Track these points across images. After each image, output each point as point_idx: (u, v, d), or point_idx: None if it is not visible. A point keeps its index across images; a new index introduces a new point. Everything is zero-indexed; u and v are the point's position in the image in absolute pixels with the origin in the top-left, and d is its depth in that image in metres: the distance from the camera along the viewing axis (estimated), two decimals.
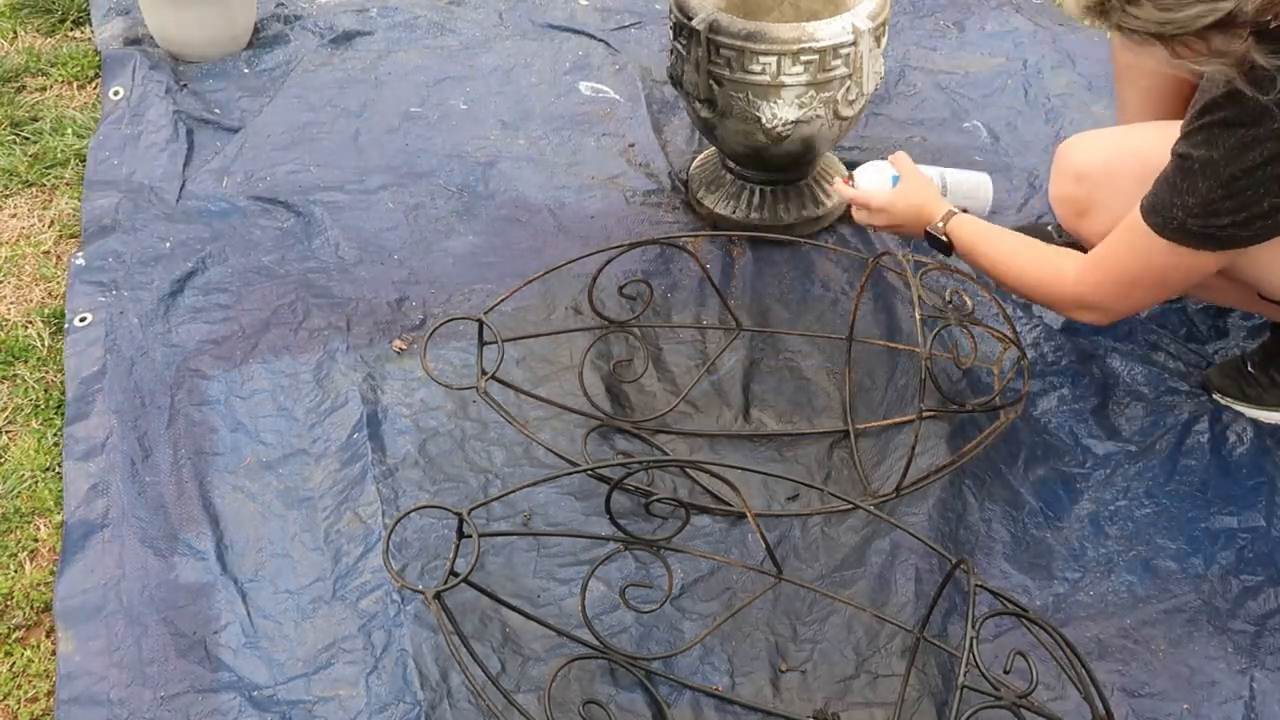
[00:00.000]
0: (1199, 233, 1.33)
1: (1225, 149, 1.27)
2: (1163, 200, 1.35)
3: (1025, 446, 1.66)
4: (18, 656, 1.44)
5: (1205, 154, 1.29)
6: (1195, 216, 1.32)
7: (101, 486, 1.60)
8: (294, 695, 1.38)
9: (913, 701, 1.37)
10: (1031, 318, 1.85)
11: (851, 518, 1.56)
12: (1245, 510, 1.58)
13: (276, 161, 2.20)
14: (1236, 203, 1.29)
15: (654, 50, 2.54)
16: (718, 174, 2.08)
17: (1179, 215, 1.33)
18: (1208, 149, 1.29)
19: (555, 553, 1.53)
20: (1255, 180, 1.27)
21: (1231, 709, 1.37)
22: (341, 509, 1.58)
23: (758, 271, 1.95)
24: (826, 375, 1.78)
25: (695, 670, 1.41)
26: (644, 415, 1.71)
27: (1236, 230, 1.31)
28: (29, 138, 2.28)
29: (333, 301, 1.90)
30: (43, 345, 1.84)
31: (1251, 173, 1.26)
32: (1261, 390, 1.67)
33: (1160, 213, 1.36)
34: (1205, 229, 1.32)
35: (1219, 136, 1.28)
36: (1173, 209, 1.34)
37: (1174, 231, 1.34)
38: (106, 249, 1.98)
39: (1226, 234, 1.32)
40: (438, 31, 2.59)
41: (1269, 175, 1.26)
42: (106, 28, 2.58)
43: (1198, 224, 1.32)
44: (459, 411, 1.71)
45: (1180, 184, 1.32)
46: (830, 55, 1.79)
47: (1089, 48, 2.49)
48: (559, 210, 2.10)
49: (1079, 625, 1.45)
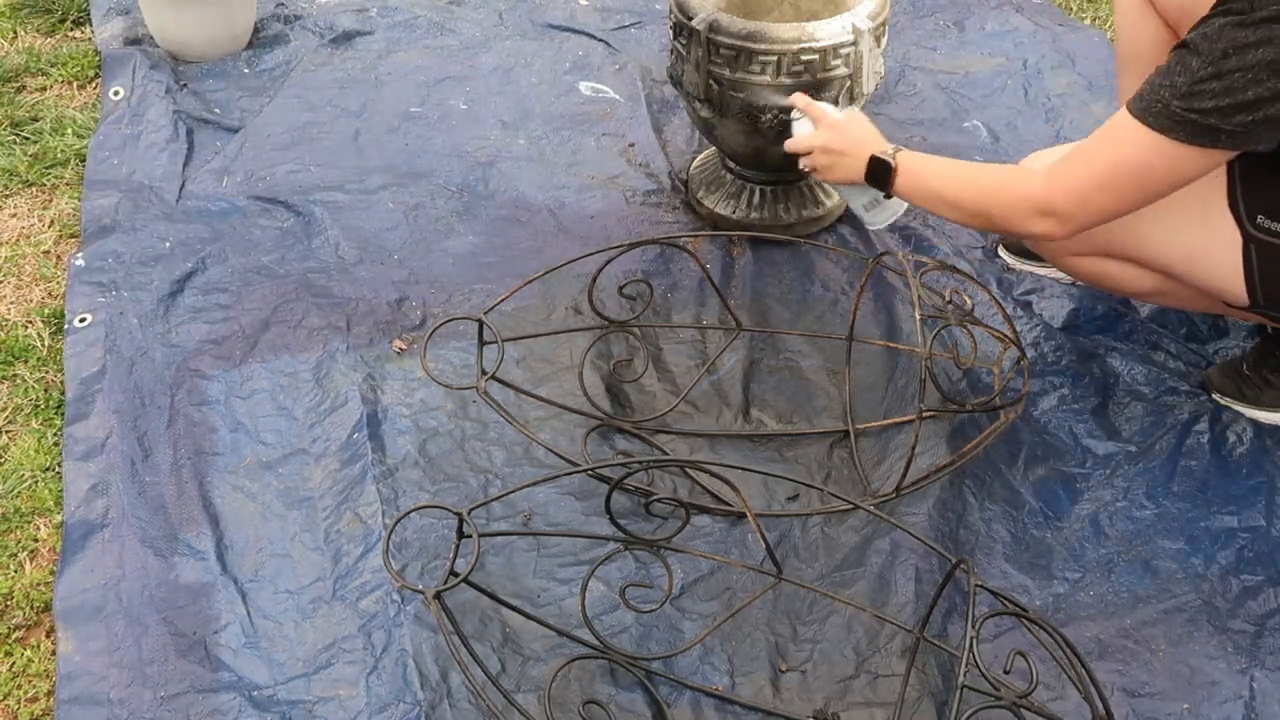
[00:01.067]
0: (1181, 117, 1.31)
1: (1222, 29, 1.27)
2: (1151, 85, 1.34)
3: (1025, 446, 1.66)
4: (18, 656, 1.44)
5: (1202, 36, 1.29)
6: (1181, 98, 1.30)
7: (101, 486, 1.60)
8: (294, 695, 1.38)
9: (913, 701, 1.37)
10: (1032, 317, 1.85)
11: (851, 518, 1.56)
12: (1245, 510, 1.58)
13: (276, 161, 2.20)
14: (1223, 85, 1.28)
15: (654, 50, 2.54)
16: (718, 174, 2.08)
17: (1164, 97, 1.32)
18: (1206, 33, 1.29)
19: (555, 553, 1.53)
20: (1246, 62, 1.26)
21: (1231, 709, 1.37)
22: (341, 509, 1.58)
23: (758, 271, 1.95)
24: (826, 375, 1.78)
25: (695, 670, 1.41)
26: (644, 415, 1.71)
27: (1218, 121, 1.29)
28: (29, 138, 2.28)
29: (333, 301, 1.90)
30: (43, 345, 1.84)
31: (1243, 52, 1.26)
32: (1258, 391, 1.67)
33: (1146, 97, 1.34)
34: (1188, 112, 1.30)
35: (1221, 24, 1.28)
36: (1159, 92, 1.32)
37: (1156, 116, 1.33)
38: (106, 249, 1.98)
39: (1208, 123, 1.30)
40: (438, 31, 2.59)
41: (1260, 60, 1.25)
42: (106, 28, 2.58)
43: (1181, 106, 1.30)
44: (459, 411, 1.71)
45: (1174, 68, 1.32)
46: (830, 55, 1.79)
47: (1089, 48, 2.49)
48: (559, 210, 2.10)
49: (1079, 625, 1.45)
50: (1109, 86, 2.36)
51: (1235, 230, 1.49)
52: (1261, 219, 1.48)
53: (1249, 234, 1.49)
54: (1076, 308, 1.87)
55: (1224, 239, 1.50)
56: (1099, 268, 1.63)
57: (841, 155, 1.66)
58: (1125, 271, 1.61)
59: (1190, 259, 1.54)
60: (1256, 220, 1.48)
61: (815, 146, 1.69)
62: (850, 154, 1.64)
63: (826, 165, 1.68)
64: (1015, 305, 1.88)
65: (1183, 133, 1.32)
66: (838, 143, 1.66)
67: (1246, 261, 1.50)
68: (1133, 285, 1.63)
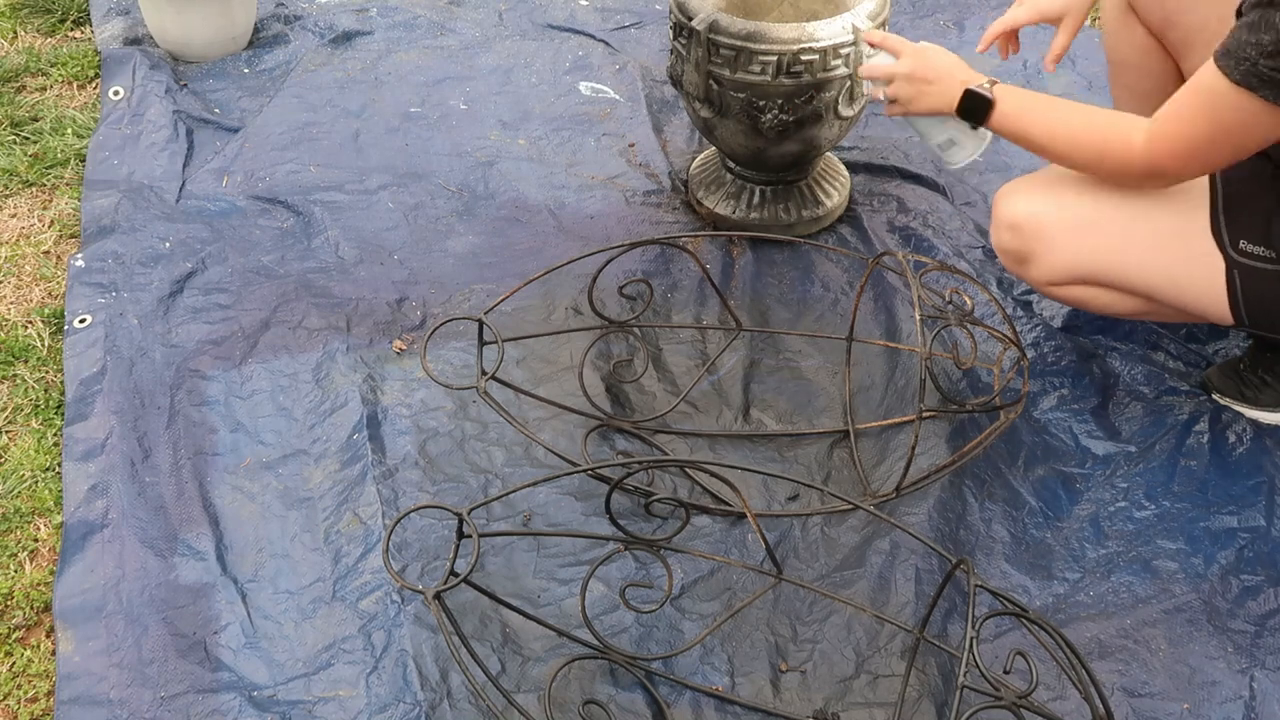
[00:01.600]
0: (1268, 77, 1.27)
1: None
2: (1237, 41, 1.29)
3: (1025, 446, 1.66)
4: (18, 656, 1.44)
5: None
6: (1268, 56, 1.25)
7: (101, 487, 1.60)
8: (294, 695, 1.38)
9: (913, 701, 1.37)
10: (1031, 317, 1.85)
11: (851, 518, 1.56)
12: (1245, 510, 1.58)
13: (276, 161, 2.20)
14: None
15: (654, 50, 2.54)
16: (718, 174, 2.08)
17: (1251, 55, 1.27)
18: None
19: (555, 553, 1.53)
20: None
21: (1231, 709, 1.37)
22: (341, 509, 1.58)
23: (758, 271, 1.95)
24: (826, 375, 1.79)
25: (695, 670, 1.41)
26: (644, 415, 1.71)
27: None
28: (29, 138, 2.28)
29: (332, 301, 1.90)
30: (43, 345, 1.84)
31: None
32: (1257, 391, 1.67)
33: (1233, 54, 1.29)
34: (1275, 71, 1.26)
35: None
36: (1246, 49, 1.27)
37: (1245, 74, 1.28)
38: (106, 249, 1.98)
39: None
40: (438, 31, 2.59)
41: None
42: (106, 28, 2.58)
43: (1269, 65, 1.25)
44: (459, 411, 1.71)
45: (1259, 23, 1.26)
46: (830, 55, 1.79)
47: (1089, 48, 2.49)
48: (559, 210, 2.10)
49: (1079, 625, 1.45)
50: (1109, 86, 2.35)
51: (1218, 255, 1.49)
52: (1244, 244, 1.47)
53: (1231, 259, 1.48)
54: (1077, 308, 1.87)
55: (1207, 264, 1.50)
56: (1080, 294, 1.61)
57: (928, 83, 1.55)
58: (1107, 296, 1.60)
59: (1174, 284, 1.53)
60: (1239, 245, 1.47)
61: (899, 74, 1.57)
62: (939, 82, 1.54)
63: (911, 95, 1.57)
64: (1015, 305, 1.88)
65: (1271, 91, 1.28)
66: (925, 69, 1.55)
67: (1230, 286, 1.49)
68: (1116, 307, 1.62)
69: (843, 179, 2.09)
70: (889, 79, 1.59)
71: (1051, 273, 1.58)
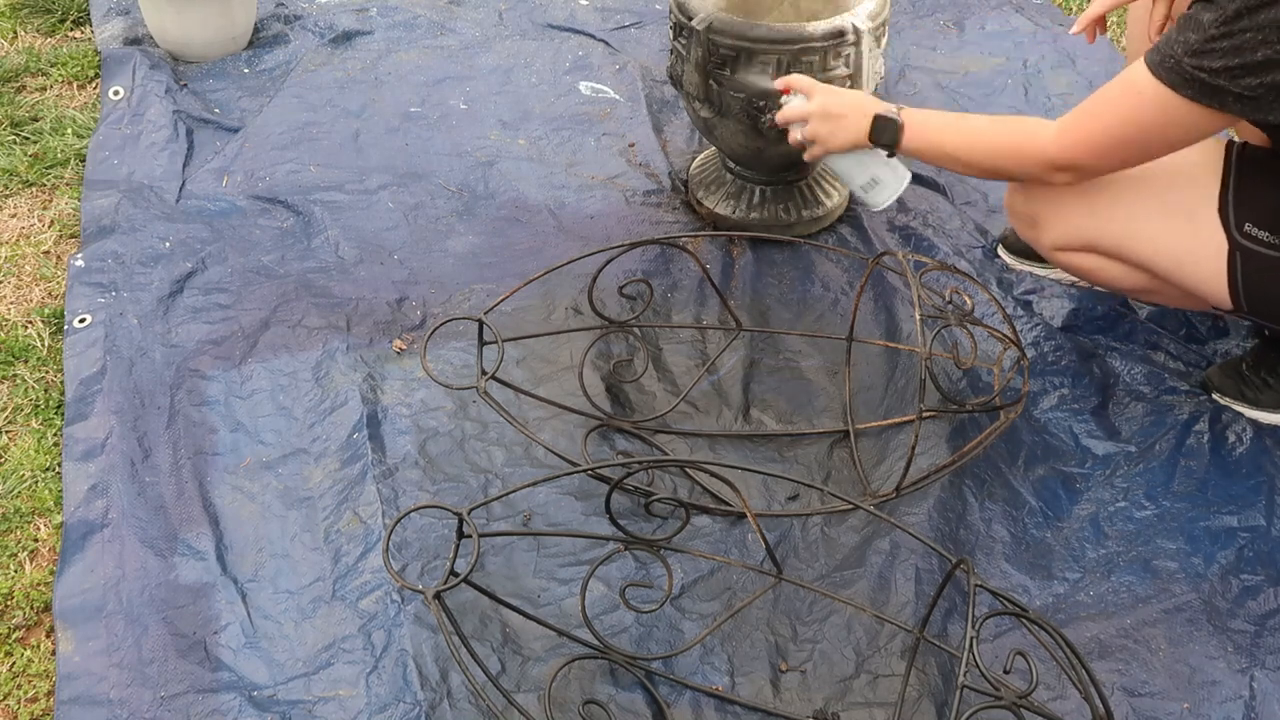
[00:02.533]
0: (1191, 75, 1.30)
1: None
2: (1166, 41, 1.33)
3: (1025, 446, 1.66)
4: (18, 656, 1.44)
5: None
6: (1191, 54, 1.29)
7: (101, 487, 1.60)
8: (294, 695, 1.38)
9: (913, 701, 1.37)
10: (1031, 317, 1.85)
11: (851, 518, 1.56)
12: (1245, 510, 1.58)
13: (276, 161, 2.20)
14: (1232, 44, 1.26)
15: (654, 50, 2.54)
16: (718, 174, 2.08)
17: (1176, 53, 1.31)
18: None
19: (555, 553, 1.53)
20: (1257, 22, 1.24)
21: (1231, 709, 1.37)
22: (341, 509, 1.58)
23: (758, 271, 1.95)
24: (826, 375, 1.78)
25: (695, 670, 1.41)
26: (644, 415, 1.71)
27: (1227, 82, 1.28)
28: (29, 138, 2.28)
29: (332, 301, 1.90)
30: (42, 345, 1.84)
31: (1256, 11, 1.24)
32: (1258, 391, 1.67)
33: (1160, 50, 1.33)
34: (1198, 70, 1.29)
35: None
36: (1172, 47, 1.31)
37: (1168, 71, 1.32)
38: (106, 250, 1.98)
39: (1216, 83, 1.29)
40: (438, 31, 2.59)
41: (1271, 20, 1.24)
42: (106, 28, 2.58)
43: (1191, 64, 1.29)
44: (459, 411, 1.71)
45: (1189, 22, 1.30)
46: (830, 55, 1.79)
47: (1089, 48, 2.49)
48: (559, 210, 2.10)
49: (1079, 625, 1.45)
50: None
51: (1222, 235, 1.49)
52: (1249, 226, 1.47)
53: (1235, 240, 1.48)
54: (1076, 308, 1.87)
55: (1210, 243, 1.50)
56: (1086, 262, 1.62)
57: (841, 118, 1.61)
58: (1112, 268, 1.60)
59: (1176, 261, 1.54)
60: (1244, 228, 1.48)
61: (811, 113, 1.63)
62: (850, 115, 1.60)
63: (827, 133, 1.62)
64: (1015, 305, 1.88)
65: (1191, 90, 1.31)
66: (835, 106, 1.62)
67: (1231, 267, 1.49)
68: (1120, 282, 1.63)
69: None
70: (804, 119, 1.64)
71: (1060, 237, 1.58)
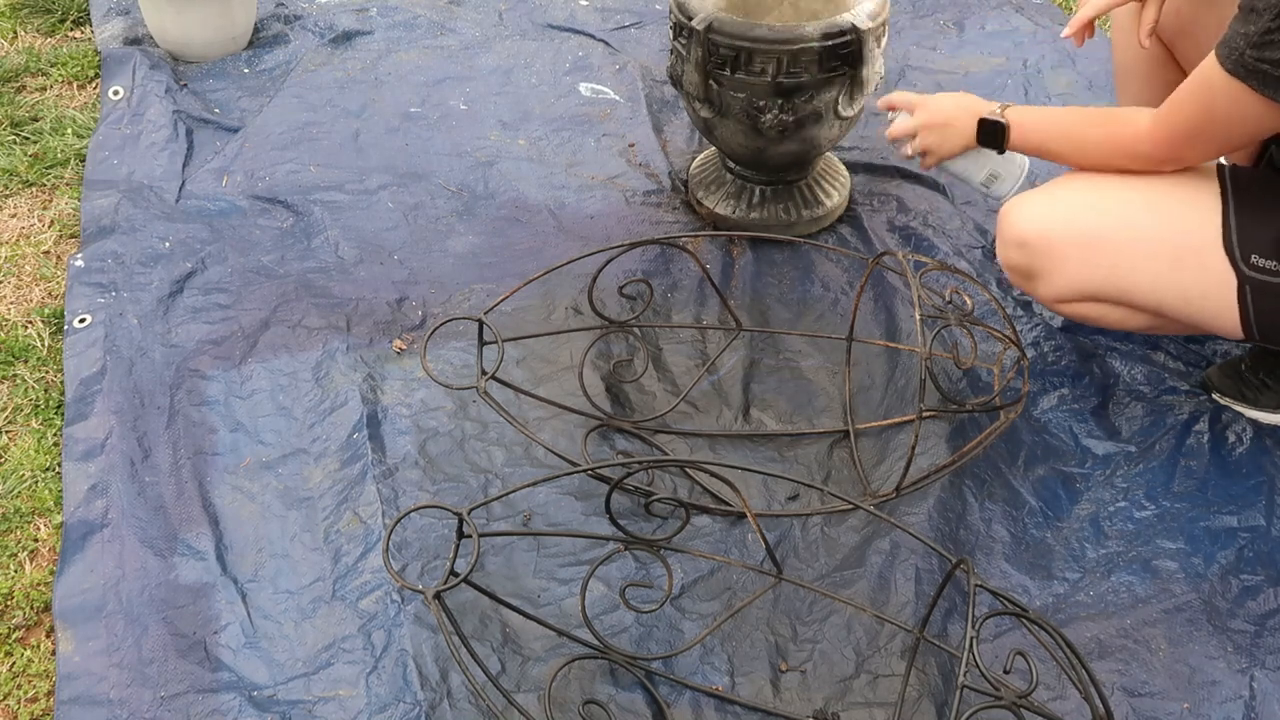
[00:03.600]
0: (1254, 67, 1.31)
1: None
2: (1231, 33, 1.34)
3: (1025, 446, 1.66)
4: (18, 656, 1.44)
5: None
6: (1254, 47, 1.30)
7: (101, 487, 1.60)
8: (294, 695, 1.38)
9: (913, 701, 1.37)
10: (1032, 317, 1.85)
11: (851, 518, 1.56)
12: (1245, 510, 1.58)
13: (276, 161, 2.20)
14: None
15: (654, 50, 2.54)
16: (718, 174, 2.08)
17: (1240, 45, 1.31)
18: None
19: (555, 553, 1.53)
20: None
21: (1232, 709, 1.37)
22: (341, 509, 1.58)
23: (758, 271, 1.95)
24: (826, 375, 1.79)
25: (695, 670, 1.41)
26: (644, 415, 1.71)
27: None
28: (29, 138, 2.28)
29: (332, 301, 1.90)
30: (42, 345, 1.84)
31: None
32: (1258, 392, 1.67)
33: (1227, 44, 1.34)
34: (1260, 62, 1.30)
35: None
36: (1236, 40, 1.32)
37: (1235, 64, 1.33)
38: (105, 250, 1.98)
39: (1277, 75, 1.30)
40: (438, 31, 2.59)
41: None
42: (106, 28, 2.58)
43: (1254, 56, 1.30)
44: (459, 411, 1.71)
45: (1248, 16, 1.31)
46: (830, 55, 1.79)
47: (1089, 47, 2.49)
48: (559, 210, 2.10)
49: (1079, 625, 1.45)
50: (1109, 85, 2.36)
51: (1230, 272, 1.47)
52: (1255, 258, 1.46)
53: (1243, 274, 1.47)
54: None
55: (1219, 280, 1.48)
56: (1089, 311, 1.60)
57: (946, 126, 1.66)
58: (1117, 312, 1.59)
59: (1186, 301, 1.52)
60: (1250, 259, 1.46)
61: (919, 126, 1.69)
62: (955, 122, 1.65)
63: (937, 142, 1.68)
64: (1015, 305, 1.88)
65: (1257, 82, 1.32)
66: (939, 115, 1.67)
67: (1242, 301, 1.48)
68: (1125, 323, 1.61)
69: (843, 179, 2.09)
70: (912, 133, 1.70)
71: (1061, 290, 1.57)
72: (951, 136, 1.67)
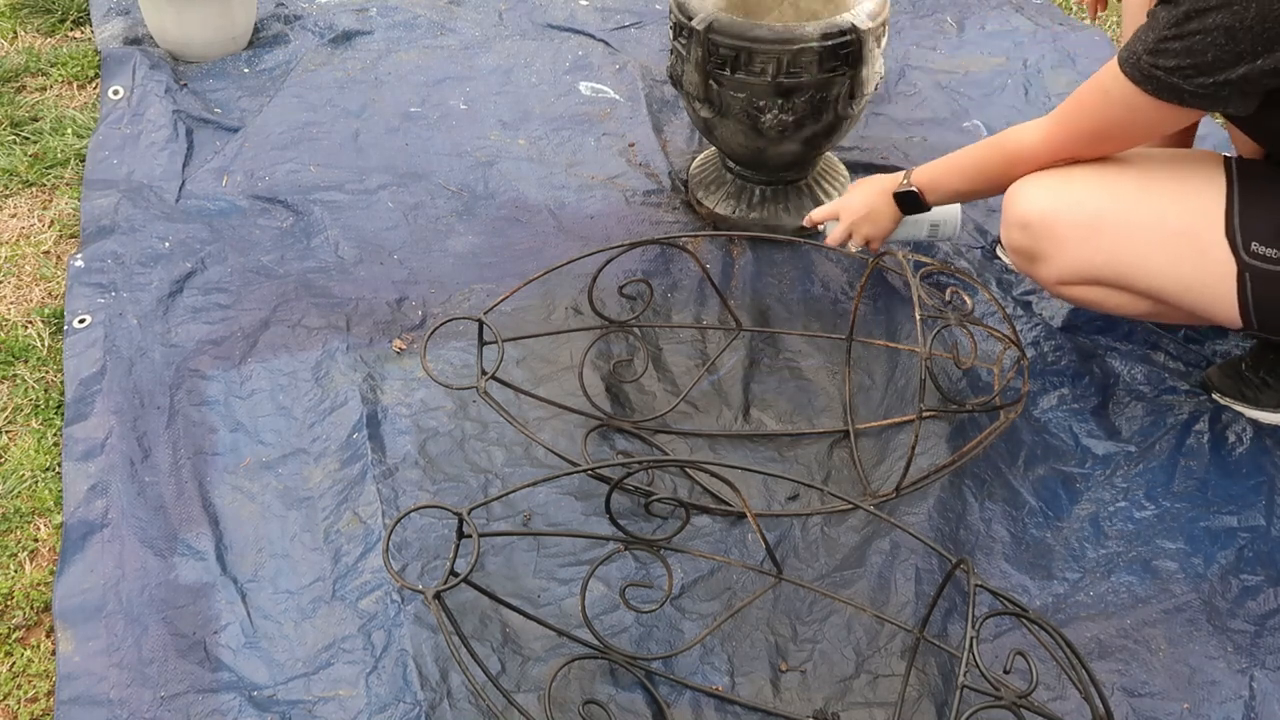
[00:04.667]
0: (1148, 73, 1.36)
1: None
2: (1134, 36, 1.39)
3: (1025, 446, 1.66)
4: (18, 656, 1.44)
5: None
6: (1149, 53, 1.35)
7: (101, 487, 1.60)
8: (294, 695, 1.38)
9: (913, 701, 1.37)
10: (1031, 317, 1.85)
11: (851, 518, 1.56)
12: (1245, 510, 1.58)
13: (276, 161, 2.20)
14: (1184, 45, 1.31)
15: (654, 50, 2.54)
16: (718, 174, 2.08)
17: (1138, 50, 1.37)
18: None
19: (555, 553, 1.53)
20: (1205, 25, 1.29)
21: (1231, 709, 1.37)
22: (341, 509, 1.58)
23: (758, 271, 1.95)
24: (826, 375, 1.79)
25: (695, 670, 1.41)
26: (644, 415, 1.71)
27: (1180, 80, 1.34)
28: (29, 138, 2.28)
29: (332, 301, 1.90)
30: (42, 345, 1.84)
31: (1203, 15, 1.29)
32: (1258, 391, 1.67)
33: (1127, 47, 1.40)
34: (1154, 69, 1.35)
35: None
36: (1135, 44, 1.38)
37: (1131, 67, 1.38)
38: (105, 250, 1.98)
39: (1171, 81, 1.35)
40: (438, 31, 2.59)
41: (1218, 24, 1.28)
42: (106, 28, 2.58)
43: (1149, 62, 1.36)
44: (459, 411, 1.71)
45: (1150, 21, 1.37)
46: (830, 55, 1.79)
47: (1089, 47, 2.49)
48: (559, 210, 2.10)
49: (1079, 625, 1.45)
50: None
51: (1230, 257, 1.48)
52: (1256, 245, 1.46)
53: (1243, 261, 1.47)
54: (1076, 308, 1.87)
55: (1219, 266, 1.49)
56: (1090, 294, 1.61)
57: (870, 214, 1.76)
58: (1118, 296, 1.59)
59: (1184, 286, 1.52)
60: (1251, 247, 1.47)
61: (849, 227, 1.78)
62: (874, 207, 1.75)
63: (871, 230, 1.77)
64: (1015, 305, 1.88)
65: (1150, 87, 1.38)
66: (859, 209, 1.76)
67: (1241, 288, 1.48)
68: (1126, 309, 1.61)
69: (843, 179, 2.09)
70: (848, 234, 1.79)
71: (1062, 273, 1.57)
72: (880, 220, 1.76)
